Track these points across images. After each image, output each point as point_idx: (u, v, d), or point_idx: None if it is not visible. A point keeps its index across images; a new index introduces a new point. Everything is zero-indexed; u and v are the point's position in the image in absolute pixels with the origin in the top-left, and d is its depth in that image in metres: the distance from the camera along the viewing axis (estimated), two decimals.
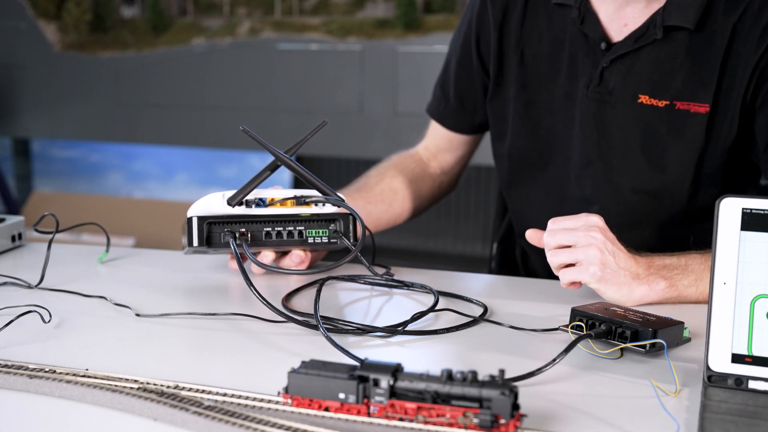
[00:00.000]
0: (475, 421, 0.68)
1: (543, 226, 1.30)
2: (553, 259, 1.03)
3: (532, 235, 1.07)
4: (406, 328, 0.96)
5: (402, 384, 0.70)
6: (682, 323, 0.91)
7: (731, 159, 1.21)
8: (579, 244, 1.01)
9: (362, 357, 0.80)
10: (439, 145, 1.47)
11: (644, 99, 1.21)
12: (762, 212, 0.78)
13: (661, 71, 1.20)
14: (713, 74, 1.17)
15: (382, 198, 1.35)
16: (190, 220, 1.08)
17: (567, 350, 0.83)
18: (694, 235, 1.23)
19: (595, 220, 1.03)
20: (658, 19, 1.17)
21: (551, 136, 1.30)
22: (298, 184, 2.89)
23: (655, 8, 1.18)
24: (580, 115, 1.25)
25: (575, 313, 0.93)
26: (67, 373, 0.82)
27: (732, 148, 1.20)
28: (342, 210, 1.11)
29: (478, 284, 1.23)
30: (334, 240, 1.11)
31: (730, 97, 1.17)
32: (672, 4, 1.17)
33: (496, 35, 1.32)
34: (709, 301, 0.79)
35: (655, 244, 1.12)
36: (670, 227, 1.26)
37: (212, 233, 1.08)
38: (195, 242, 1.07)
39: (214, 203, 1.09)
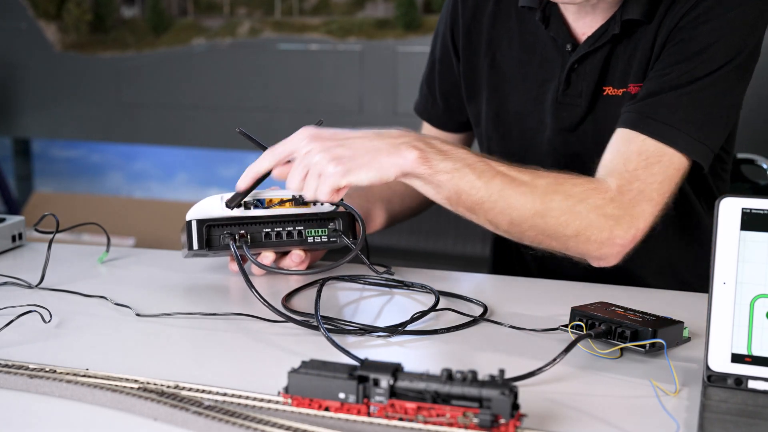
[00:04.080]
0: (475, 420, 0.69)
1: None
2: (290, 183, 1.02)
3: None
4: (406, 328, 0.97)
5: (402, 384, 0.70)
6: (682, 323, 0.91)
7: None
8: (298, 154, 1.00)
9: (362, 357, 0.80)
10: None
11: (608, 90, 1.22)
12: (762, 212, 0.78)
13: (617, 62, 1.21)
14: (647, 54, 1.18)
15: (380, 197, 1.35)
16: (189, 223, 1.08)
17: (567, 350, 0.83)
18: (668, 220, 1.23)
19: (302, 131, 1.01)
20: (617, 16, 1.18)
21: (523, 141, 1.30)
22: None
23: (609, 16, 1.19)
24: (551, 119, 1.25)
25: (575, 313, 0.93)
26: (68, 373, 0.82)
27: None
28: (341, 209, 1.11)
29: (478, 284, 1.23)
30: (334, 239, 1.11)
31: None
32: (630, 1, 1.17)
33: (465, 37, 1.33)
34: (708, 301, 0.79)
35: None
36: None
37: (212, 236, 1.08)
38: (195, 245, 1.07)
39: (213, 206, 1.09)
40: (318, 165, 0.99)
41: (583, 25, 1.22)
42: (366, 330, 0.96)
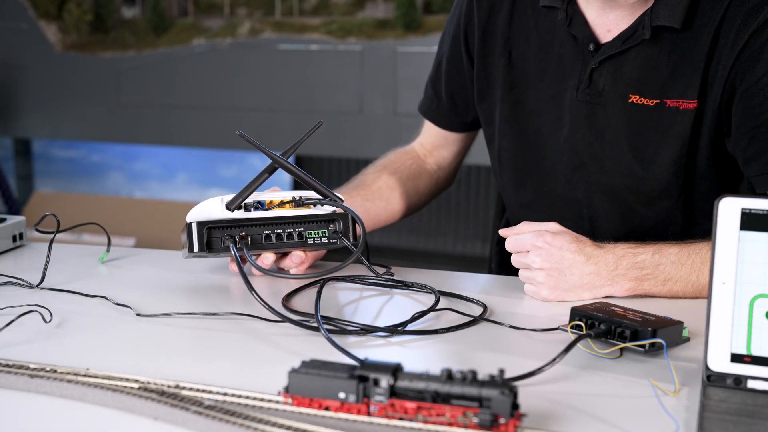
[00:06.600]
0: (475, 420, 0.69)
1: None
2: (516, 259, 1.11)
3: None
4: (406, 328, 0.97)
5: (402, 383, 0.71)
6: (681, 323, 0.91)
7: (720, 154, 1.22)
8: (532, 266, 1.07)
9: (362, 357, 0.81)
10: (434, 142, 1.48)
11: (634, 99, 1.21)
12: (761, 212, 0.78)
13: (649, 70, 1.20)
14: (698, 69, 1.17)
15: (380, 195, 1.35)
16: (189, 225, 1.08)
17: (567, 350, 0.84)
18: (688, 232, 1.24)
19: (547, 229, 1.08)
20: (646, 20, 1.17)
21: (538, 138, 1.30)
22: (297, 186, 2.89)
23: (638, 14, 1.19)
24: (570, 117, 1.25)
25: (575, 313, 0.93)
26: (68, 373, 0.82)
27: (717, 141, 1.20)
28: (340, 210, 1.11)
29: (478, 284, 1.24)
30: (334, 240, 1.11)
31: (714, 91, 1.17)
32: (660, 5, 1.16)
33: (481, 36, 1.32)
34: (708, 301, 0.79)
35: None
36: (664, 225, 1.27)
37: (212, 238, 1.08)
38: (195, 248, 1.07)
39: (213, 208, 1.09)
40: (537, 272, 1.07)
41: (606, 23, 1.21)
42: (366, 330, 0.96)
